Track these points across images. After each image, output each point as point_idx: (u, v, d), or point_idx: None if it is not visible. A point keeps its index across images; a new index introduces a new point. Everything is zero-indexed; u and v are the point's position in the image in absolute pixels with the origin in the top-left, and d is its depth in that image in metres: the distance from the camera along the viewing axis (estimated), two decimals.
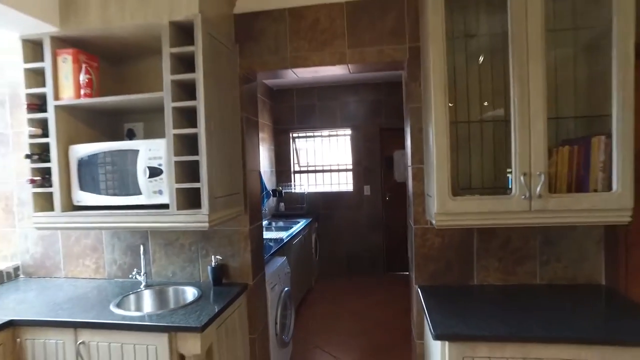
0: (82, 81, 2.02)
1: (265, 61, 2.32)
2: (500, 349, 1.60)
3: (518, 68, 1.74)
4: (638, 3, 1.70)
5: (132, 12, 1.93)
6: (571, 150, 1.86)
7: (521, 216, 1.79)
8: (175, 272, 2.46)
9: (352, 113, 5.94)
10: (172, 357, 1.80)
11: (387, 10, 2.20)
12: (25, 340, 1.92)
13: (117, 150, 1.99)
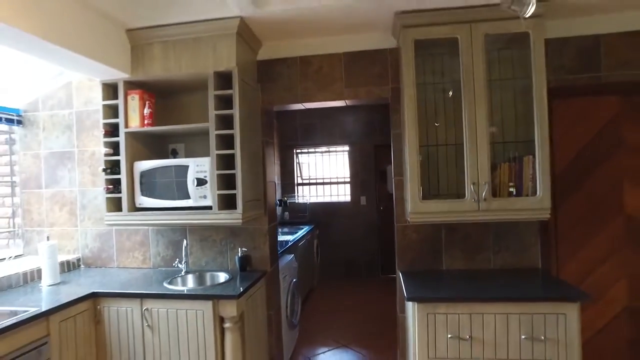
0: (146, 114, 2.70)
1: (281, 97, 3.00)
2: (453, 307, 2.24)
3: (468, 107, 2.42)
4: (556, 56, 2.39)
5: (186, 64, 2.62)
6: (510, 166, 2.53)
7: (472, 214, 2.45)
8: (208, 262, 3.10)
9: (349, 131, 6.64)
10: (215, 319, 2.43)
11: (375, 60, 2.89)
12: (103, 307, 2.55)
13: (171, 166, 2.66)
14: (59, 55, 2.27)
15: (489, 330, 2.22)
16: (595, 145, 2.75)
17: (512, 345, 2.20)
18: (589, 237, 2.75)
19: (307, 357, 3.75)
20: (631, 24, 2.64)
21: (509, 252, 2.80)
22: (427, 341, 2.26)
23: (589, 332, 2.74)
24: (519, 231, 2.79)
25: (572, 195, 2.77)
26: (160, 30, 2.62)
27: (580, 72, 2.72)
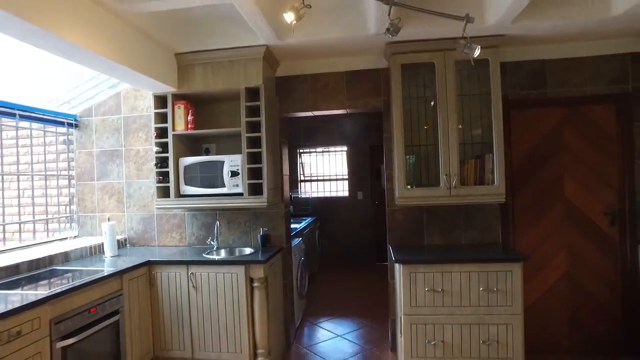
0: (189, 120, 3.41)
1: (295, 106, 3.72)
2: (429, 267, 2.96)
3: (442, 116, 3.16)
4: (513, 75, 3.12)
5: (222, 81, 3.33)
6: (475, 162, 3.27)
7: (445, 199, 3.18)
8: (235, 240, 3.81)
9: (347, 134, 7.37)
10: (246, 279, 3.14)
11: (370, 78, 3.62)
12: (156, 273, 3.25)
13: (210, 161, 3.37)
14: (126, 73, 2.95)
15: (455, 284, 2.95)
16: (543, 146, 3.49)
17: (473, 295, 2.93)
18: (538, 218, 3.49)
19: (313, 323, 4.46)
20: (568, 52, 3.39)
21: (476, 230, 3.54)
22: (409, 293, 2.99)
23: (537, 293, 3.48)
24: (483, 213, 3.52)
25: (525, 184, 3.51)
26: (201, 54, 3.34)
27: (531, 88, 3.47)
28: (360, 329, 4.28)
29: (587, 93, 3.42)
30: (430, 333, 2.98)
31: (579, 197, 3.46)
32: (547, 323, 3.47)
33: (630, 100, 3.36)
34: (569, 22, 2.90)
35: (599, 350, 3.41)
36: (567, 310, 3.47)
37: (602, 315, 3.43)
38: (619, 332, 3.39)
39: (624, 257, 3.40)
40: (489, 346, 2.93)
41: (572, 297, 3.47)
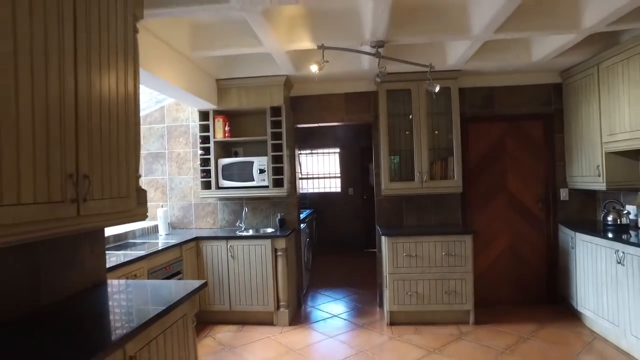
0: (226, 130, 4.48)
1: (305, 119, 4.83)
2: (407, 239, 4.10)
3: (416, 128, 4.30)
4: (470, 98, 4.29)
5: (252, 101, 4.42)
6: (441, 162, 4.42)
7: (419, 190, 4.33)
8: (258, 223, 4.88)
9: (340, 137, 8.49)
10: (272, 250, 4.22)
11: (363, 98, 4.75)
12: (202, 246, 4.31)
13: (242, 162, 4.45)
14: (186, 96, 4.00)
15: (425, 250, 4.09)
16: (491, 151, 4.67)
17: (437, 258, 4.08)
18: (487, 204, 4.67)
19: (316, 291, 5.58)
20: (509, 82, 4.58)
21: (443, 214, 4.70)
22: (392, 258, 4.12)
23: (488, 261, 4.65)
24: (447, 201, 4.68)
25: (478, 180, 4.68)
26: (236, 80, 4.41)
27: (482, 108, 4.64)
28: (354, 295, 5.40)
29: (523, 112, 4.62)
30: (407, 286, 4.12)
31: (517, 188, 4.65)
32: (494, 282, 4.65)
33: (552, 118, 4.57)
34: (505, 64, 4.08)
35: (529, 300, 4.60)
36: (509, 273, 4.66)
37: (532, 276, 4.63)
38: (543, 287, 4.60)
39: (549, 233, 4.60)
40: (449, 295, 4.09)
41: (512, 264, 4.66)
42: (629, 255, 3.19)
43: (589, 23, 3.07)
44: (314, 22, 3.28)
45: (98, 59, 1.84)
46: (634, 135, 3.36)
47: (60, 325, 1.72)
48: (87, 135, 1.76)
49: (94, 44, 1.81)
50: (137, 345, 1.64)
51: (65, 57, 1.62)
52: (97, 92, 1.84)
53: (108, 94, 1.91)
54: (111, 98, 1.94)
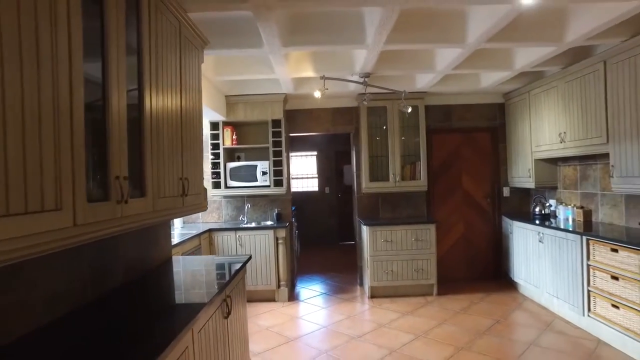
0: (234, 138, 5.32)
1: (297, 129, 5.73)
2: (384, 227, 5.10)
3: (390, 138, 5.32)
4: (434, 113, 5.35)
5: (257, 114, 5.28)
6: (410, 166, 5.46)
7: (392, 189, 5.36)
8: (258, 217, 5.74)
9: (317, 142, 9.43)
10: (274, 239, 5.11)
11: (346, 112, 5.72)
12: (215, 235, 5.13)
13: (247, 165, 5.30)
14: (206, 110, 4.81)
15: (399, 236, 5.11)
16: (450, 157, 5.76)
17: (408, 243, 5.11)
18: (447, 200, 5.76)
19: (304, 275, 6.50)
20: (465, 101, 5.69)
21: (411, 208, 5.75)
22: (373, 244, 5.11)
23: (447, 246, 5.74)
24: (416, 198, 5.73)
25: (439, 180, 5.76)
26: (243, 97, 5.26)
27: (443, 122, 5.73)
28: (335, 278, 6.37)
29: (475, 125, 5.74)
30: (384, 266, 5.13)
31: (470, 187, 5.77)
32: (452, 263, 5.75)
33: (497, 130, 5.72)
34: (461, 88, 5.18)
35: (479, 276, 5.74)
36: (463, 255, 5.78)
37: (482, 257, 5.77)
38: (490, 265, 5.75)
39: (494, 222, 5.76)
40: (418, 272, 5.13)
41: (466, 247, 5.78)
42: (546, 235, 4.34)
43: (519, 64, 4.19)
44: (315, 57, 4.20)
45: (191, 95, 2.69)
46: (552, 147, 4.54)
47: (168, 281, 2.57)
48: (188, 149, 2.61)
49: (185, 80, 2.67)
50: (229, 289, 2.52)
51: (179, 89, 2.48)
52: (191, 117, 2.69)
53: (192, 117, 2.77)
54: (194, 119, 2.79)
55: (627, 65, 3.45)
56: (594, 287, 3.68)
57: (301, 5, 2.71)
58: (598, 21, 3.09)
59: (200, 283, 2.58)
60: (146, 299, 2.29)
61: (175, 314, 2.01)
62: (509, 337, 3.90)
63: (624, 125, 3.51)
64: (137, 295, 2.32)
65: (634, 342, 3.25)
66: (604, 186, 4.26)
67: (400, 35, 3.30)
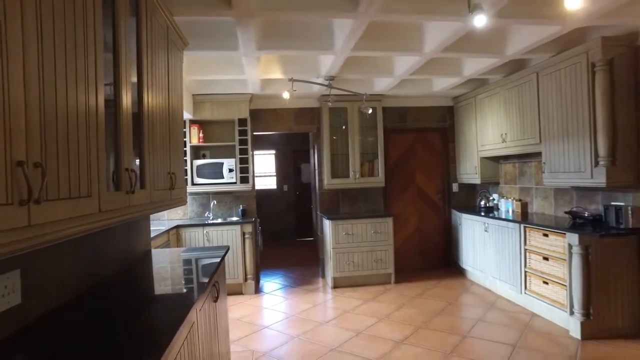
0: (200, 136, 5.43)
1: (262, 128, 5.94)
2: (345, 221, 5.44)
3: (350, 138, 5.67)
4: (390, 114, 5.76)
5: (222, 113, 5.42)
6: (369, 163, 5.85)
7: (352, 185, 5.71)
8: (223, 214, 5.87)
9: (276, 140, 9.64)
10: (241, 233, 5.28)
11: (309, 112, 6.00)
12: (182, 231, 5.22)
13: (214, 162, 5.44)
14: None
15: (359, 229, 5.47)
16: (405, 155, 6.22)
17: (368, 235, 5.48)
18: (402, 195, 6.22)
19: (267, 269, 6.70)
20: (419, 103, 6.17)
21: (370, 203, 6.14)
22: (335, 237, 5.43)
23: (402, 238, 6.19)
24: (374, 193, 6.13)
25: (395, 176, 6.21)
26: (210, 96, 5.38)
27: (399, 122, 6.18)
28: (297, 271, 6.64)
29: (427, 126, 6.24)
30: (346, 257, 5.47)
31: (423, 183, 6.27)
32: (407, 254, 6.21)
33: (447, 131, 6.26)
34: (415, 91, 5.63)
35: (432, 265, 6.24)
36: (418, 246, 6.26)
37: (434, 248, 6.29)
38: (442, 255, 6.28)
39: (445, 216, 6.29)
40: (377, 262, 5.52)
41: (420, 240, 6.27)
42: (491, 225, 4.88)
43: (467, 72, 4.69)
44: (284, 60, 4.45)
45: (169, 94, 2.85)
46: (494, 146, 5.10)
47: (161, 269, 2.72)
48: (174, 145, 2.78)
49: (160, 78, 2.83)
50: (216, 277, 2.71)
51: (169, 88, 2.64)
52: (175, 115, 2.85)
53: (176, 115, 2.92)
54: (178, 118, 2.95)
55: (554, 77, 4.02)
56: (530, 267, 4.23)
57: (281, 15, 2.96)
58: (531, 39, 3.61)
59: (190, 270, 2.76)
60: (145, 285, 2.44)
61: (179, 296, 2.20)
62: (460, 316, 4.37)
63: (553, 127, 4.08)
64: (135, 283, 2.46)
65: (559, 311, 3.81)
66: (537, 181, 4.86)
67: (366, 43, 3.63)
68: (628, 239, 3.59)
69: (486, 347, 3.53)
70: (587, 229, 3.61)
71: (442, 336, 3.79)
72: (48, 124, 1.28)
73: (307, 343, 3.76)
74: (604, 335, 3.54)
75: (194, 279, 2.52)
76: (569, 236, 3.61)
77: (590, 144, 3.65)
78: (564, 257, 3.73)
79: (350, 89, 4.90)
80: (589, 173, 3.68)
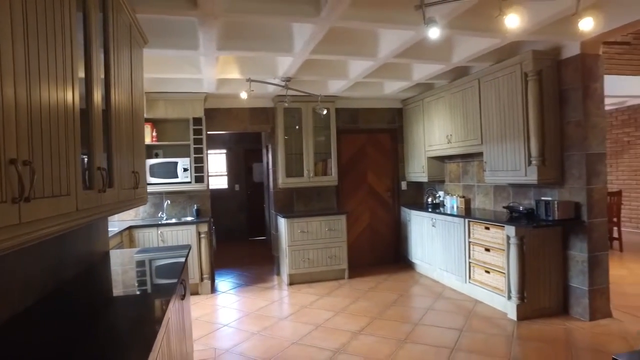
0: (154, 135, 5.31)
1: (217, 128, 5.91)
2: (300, 219, 5.57)
3: (305, 138, 5.81)
4: (343, 115, 5.95)
5: (178, 111, 5.34)
6: (322, 163, 6.01)
7: (306, 183, 5.85)
8: (177, 214, 5.78)
9: (227, 140, 9.56)
10: (196, 233, 5.24)
11: (263, 112, 6.06)
12: (136, 232, 5.08)
13: (168, 162, 5.34)
14: None
15: (314, 227, 5.62)
16: (356, 155, 6.46)
17: (322, 233, 5.65)
18: (354, 194, 6.45)
19: (222, 268, 6.67)
20: (370, 105, 6.43)
21: (323, 201, 6.31)
22: (290, 234, 5.54)
23: (355, 234, 6.43)
24: (327, 191, 6.31)
25: (348, 176, 6.43)
26: (164, 94, 5.28)
27: (352, 123, 6.40)
28: (252, 270, 6.67)
29: (378, 127, 6.52)
30: (302, 254, 5.59)
31: (374, 182, 6.54)
32: (360, 250, 6.45)
33: (396, 132, 6.58)
34: (367, 94, 5.88)
35: (383, 260, 6.54)
36: (370, 242, 6.53)
37: (385, 244, 6.59)
38: (392, 250, 6.60)
39: (395, 213, 6.61)
40: (331, 259, 5.70)
41: (372, 235, 6.54)
42: (438, 220, 5.23)
43: (416, 76, 4.99)
44: (242, 60, 4.49)
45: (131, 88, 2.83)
46: (440, 147, 5.46)
47: (125, 270, 2.70)
48: (137, 144, 2.76)
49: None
50: (183, 275, 2.73)
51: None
52: (138, 114, 2.83)
53: (139, 114, 2.90)
54: (139, 116, 2.93)
55: (494, 84, 4.41)
56: (473, 258, 4.60)
57: (246, 17, 3.02)
58: (475, 49, 3.95)
59: (157, 269, 2.76)
60: (115, 286, 2.42)
61: (153, 293, 2.22)
62: (411, 306, 4.66)
63: (493, 130, 4.47)
64: (101, 284, 2.43)
65: (499, 297, 4.20)
66: (479, 179, 5.28)
67: (325, 47, 3.78)
68: (555, 229, 4.05)
69: (436, 333, 3.82)
70: (522, 222, 4.00)
71: (396, 325, 4.04)
72: (34, 122, 1.30)
73: (268, 338, 3.84)
74: (535, 315, 3.97)
75: (164, 277, 2.54)
76: (507, 228, 3.99)
77: (524, 145, 4.05)
78: (503, 248, 4.11)
79: (306, 90, 5.03)
80: (523, 171, 4.08)
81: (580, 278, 3.95)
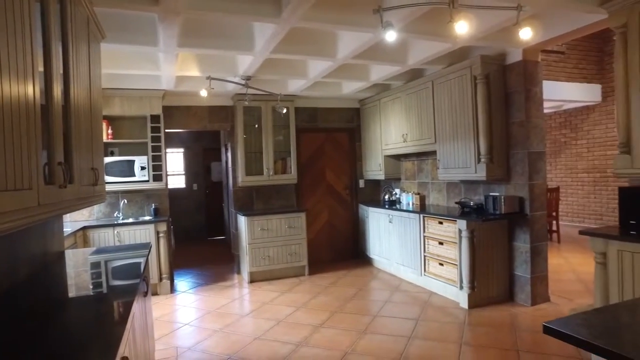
0: (109, 133, 5.16)
1: (175, 125, 5.82)
2: (261, 217, 5.61)
3: (264, 135, 5.85)
4: (303, 114, 6.03)
5: (135, 108, 5.22)
6: (282, 161, 6.07)
7: (266, 182, 5.89)
8: (134, 213, 5.64)
9: (184, 138, 9.38)
10: (155, 232, 5.15)
11: (223, 111, 6.03)
12: (90, 234, 4.92)
13: (124, 160, 5.21)
14: None
15: (274, 225, 5.67)
16: (315, 153, 6.57)
17: (282, 230, 5.71)
18: (313, 191, 6.56)
19: (181, 268, 6.57)
20: (328, 104, 6.56)
21: (283, 199, 6.37)
22: (251, 232, 5.57)
23: (314, 231, 6.54)
24: (287, 189, 6.38)
25: (307, 174, 6.52)
26: (120, 90, 5.14)
27: (310, 122, 6.51)
28: (211, 270, 6.61)
29: (336, 126, 6.67)
30: (262, 252, 5.63)
31: (333, 180, 6.68)
32: (320, 247, 6.57)
33: (354, 131, 6.76)
34: (326, 93, 6.01)
35: (342, 256, 6.70)
36: (329, 239, 6.66)
37: (344, 240, 6.75)
38: (351, 247, 6.77)
39: (353, 210, 6.78)
40: (291, 256, 5.77)
41: (331, 232, 6.67)
42: (394, 217, 5.44)
43: (374, 77, 5.17)
44: (201, 57, 4.47)
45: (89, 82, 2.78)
46: (396, 146, 5.68)
47: (82, 269, 2.64)
48: (96, 140, 2.71)
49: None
50: (145, 273, 2.71)
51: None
52: (96, 109, 2.78)
53: (97, 109, 2.85)
54: (98, 112, 2.87)
55: (446, 86, 4.67)
56: (428, 252, 4.84)
57: (208, 15, 3.04)
58: (428, 52, 4.17)
59: (117, 267, 2.73)
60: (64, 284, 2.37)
61: (115, 289, 2.20)
62: (370, 299, 4.82)
63: (446, 130, 4.72)
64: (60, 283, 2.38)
65: (452, 287, 4.45)
66: (433, 176, 5.54)
67: (285, 47, 3.85)
68: (501, 222, 4.35)
69: (394, 323, 3.99)
70: (472, 216, 4.26)
71: (356, 317, 4.18)
72: None
73: (230, 335, 3.87)
74: (484, 303, 4.25)
75: (125, 274, 2.52)
76: (459, 222, 4.24)
77: (474, 144, 4.32)
78: (455, 241, 4.35)
79: (266, 89, 5.08)
80: (473, 169, 4.35)
81: (523, 267, 4.27)
